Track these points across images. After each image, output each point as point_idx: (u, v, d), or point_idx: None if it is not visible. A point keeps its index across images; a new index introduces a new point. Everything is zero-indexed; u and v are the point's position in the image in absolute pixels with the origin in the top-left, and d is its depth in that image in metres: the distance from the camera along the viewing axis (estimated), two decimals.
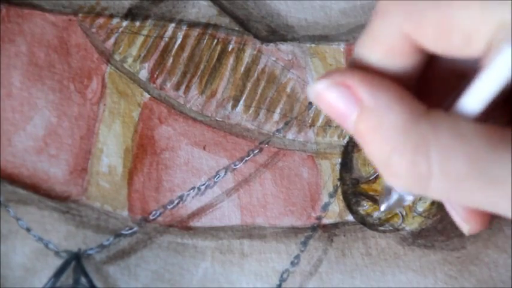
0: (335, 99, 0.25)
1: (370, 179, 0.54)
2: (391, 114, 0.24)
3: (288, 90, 0.56)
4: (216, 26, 0.57)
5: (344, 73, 0.25)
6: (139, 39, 0.57)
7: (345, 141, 0.55)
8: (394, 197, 0.30)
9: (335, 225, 0.56)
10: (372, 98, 0.25)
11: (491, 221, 0.28)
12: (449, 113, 0.24)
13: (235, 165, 0.56)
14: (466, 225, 0.29)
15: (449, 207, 0.29)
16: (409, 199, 0.30)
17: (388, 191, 0.30)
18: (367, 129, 0.25)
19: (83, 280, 0.55)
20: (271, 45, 0.57)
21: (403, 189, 0.25)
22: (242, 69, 0.57)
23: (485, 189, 0.24)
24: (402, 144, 0.24)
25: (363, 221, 0.54)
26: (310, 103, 0.56)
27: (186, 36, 0.57)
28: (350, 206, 0.55)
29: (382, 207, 0.31)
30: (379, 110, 0.24)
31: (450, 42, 0.24)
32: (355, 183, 0.54)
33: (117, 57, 0.58)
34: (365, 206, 0.54)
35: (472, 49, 0.24)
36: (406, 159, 0.24)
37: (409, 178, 0.24)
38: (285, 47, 0.57)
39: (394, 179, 0.25)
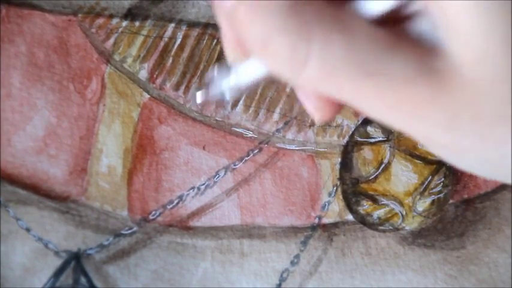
0: None
1: (370, 178, 0.54)
2: None
3: (288, 90, 0.57)
4: (215, 26, 0.57)
5: None
6: (139, 39, 0.57)
7: (345, 140, 0.55)
8: (215, 90, 0.29)
9: (335, 225, 0.56)
10: None
11: (339, 111, 0.28)
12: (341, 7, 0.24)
13: (234, 165, 0.56)
14: (317, 114, 0.28)
15: (301, 96, 0.29)
16: (228, 97, 0.29)
17: (212, 81, 0.30)
18: (247, 11, 0.24)
19: (83, 280, 0.55)
20: None
21: (277, 71, 0.25)
22: None
23: (358, 81, 0.23)
24: (284, 26, 0.23)
25: (363, 221, 0.54)
26: None
27: (185, 36, 0.57)
28: (350, 206, 0.55)
29: (199, 99, 0.30)
30: None
31: None
32: (355, 183, 0.54)
33: (116, 57, 0.58)
34: (365, 206, 0.54)
35: None
36: (287, 40, 0.23)
37: (286, 60, 0.24)
38: None
39: (270, 60, 0.24)
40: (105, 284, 0.57)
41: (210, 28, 0.57)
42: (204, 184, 0.56)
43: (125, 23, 0.58)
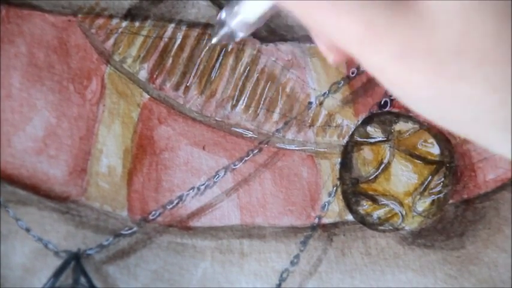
0: None
1: (370, 178, 0.54)
2: None
3: (288, 90, 0.57)
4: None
5: None
6: (139, 40, 0.57)
7: (345, 141, 0.55)
8: (225, 30, 0.31)
9: (335, 225, 0.56)
10: None
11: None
12: None
13: (234, 165, 0.56)
14: (330, 55, 0.29)
15: (317, 40, 0.29)
16: (240, 35, 0.31)
17: (222, 23, 0.31)
18: None
19: (83, 280, 0.55)
20: (271, 45, 0.57)
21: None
22: (242, 69, 0.57)
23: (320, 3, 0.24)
24: None
25: (363, 221, 0.54)
26: (309, 103, 0.56)
27: (185, 37, 0.57)
28: (350, 206, 0.55)
29: (214, 40, 0.32)
30: None
31: None
32: (355, 183, 0.54)
33: (116, 57, 0.58)
34: (365, 206, 0.54)
35: None
36: None
37: None
38: (284, 47, 0.57)
39: None
40: (105, 284, 0.56)
41: (210, 28, 0.57)
42: (203, 184, 0.56)
43: (124, 24, 0.58)
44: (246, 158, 0.56)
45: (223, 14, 0.31)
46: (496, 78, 0.23)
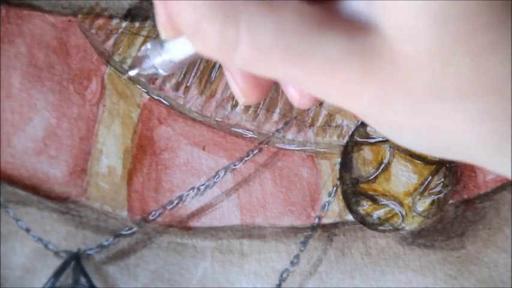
0: None
1: (370, 178, 0.54)
2: None
3: None
4: None
5: None
6: (139, 40, 0.57)
7: (345, 141, 0.55)
8: (147, 65, 0.29)
9: (335, 225, 0.56)
10: None
11: (266, 95, 0.28)
12: None
13: (234, 165, 0.56)
14: (242, 97, 0.29)
15: (229, 77, 0.29)
16: (162, 74, 0.30)
17: (144, 57, 0.30)
18: None
19: (83, 280, 0.55)
20: None
21: (209, 54, 0.25)
22: None
23: (288, 62, 0.24)
24: (213, 11, 0.24)
25: (363, 221, 0.54)
26: None
27: None
28: (350, 206, 0.55)
29: (131, 72, 0.30)
30: None
31: None
32: (355, 183, 0.54)
33: (116, 58, 0.58)
34: (365, 206, 0.54)
35: None
36: (215, 26, 0.24)
37: (217, 45, 0.24)
38: None
39: (202, 45, 0.25)
40: (105, 284, 0.56)
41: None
42: (203, 184, 0.56)
43: (124, 24, 0.58)
44: (246, 158, 0.56)
45: (148, 46, 0.30)
46: (478, 112, 0.23)
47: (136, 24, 0.58)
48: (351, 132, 0.55)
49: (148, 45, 0.30)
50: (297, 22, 0.23)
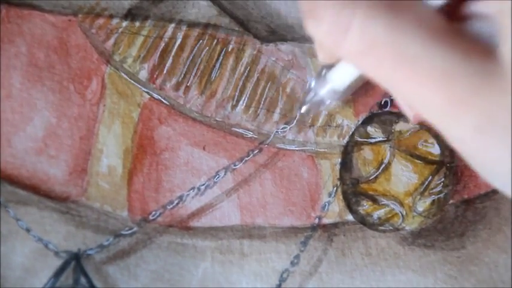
0: None
1: (370, 178, 0.54)
2: None
3: (288, 90, 0.57)
4: (215, 26, 0.57)
5: None
6: (139, 40, 0.57)
7: (345, 141, 0.55)
8: (315, 98, 0.32)
9: (335, 225, 0.56)
10: None
11: None
12: None
13: (235, 166, 0.56)
14: (410, 115, 0.30)
15: (398, 99, 0.30)
16: (328, 102, 0.32)
17: (310, 91, 0.32)
18: None
19: (83, 280, 0.55)
20: (271, 45, 0.57)
21: (321, 40, 0.25)
22: (242, 69, 0.57)
23: (395, 64, 0.23)
24: None
25: (363, 221, 0.54)
26: None
27: (185, 37, 0.57)
28: (350, 206, 0.55)
29: (303, 109, 0.33)
30: None
31: None
32: (355, 183, 0.54)
33: (116, 57, 0.58)
34: (365, 206, 0.54)
35: None
36: (331, 9, 0.24)
37: (329, 28, 0.24)
38: (284, 47, 0.57)
39: (314, 26, 0.25)
40: (105, 284, 0.57)
41: (210, 28, 0.57)
42: (204, 184, 0.56)
43: (125, 24, 0.58)
44: (246, 158, 0.56)
45: (312, 83, 0.32)
46: None
47: (137, 23, 0.58)
48: (351, 132, 0.55)
49: (313, 80, 0.33)
50: (416, 24, 0.23)
